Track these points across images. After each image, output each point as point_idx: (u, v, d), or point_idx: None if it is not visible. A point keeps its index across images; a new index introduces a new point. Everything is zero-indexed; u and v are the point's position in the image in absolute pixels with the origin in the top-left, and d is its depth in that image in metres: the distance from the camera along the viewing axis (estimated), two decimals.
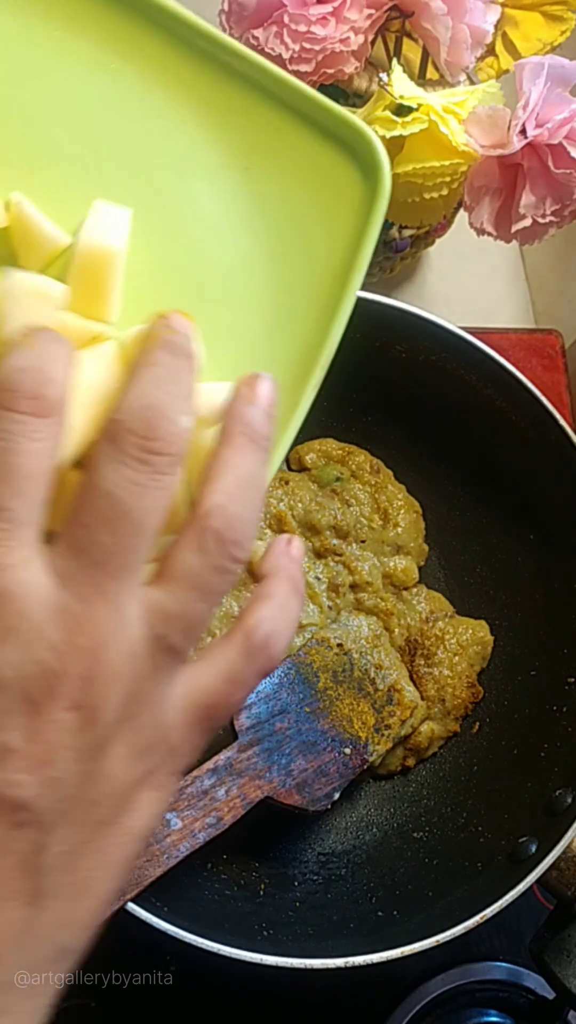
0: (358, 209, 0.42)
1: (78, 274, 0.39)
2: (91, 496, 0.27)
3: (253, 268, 0.42)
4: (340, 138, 0.41)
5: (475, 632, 0.64)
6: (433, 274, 0.84)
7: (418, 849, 0.59)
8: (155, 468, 0.27)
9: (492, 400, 0.62)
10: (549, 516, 0.62)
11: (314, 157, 0.41)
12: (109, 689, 0.27)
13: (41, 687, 0.26)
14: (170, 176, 0.41)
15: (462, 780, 0.62)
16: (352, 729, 0.57)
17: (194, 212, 0.42)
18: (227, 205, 0.42)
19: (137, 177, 0.41)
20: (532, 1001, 0.59)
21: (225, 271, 0.42)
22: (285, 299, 0.43)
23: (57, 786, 0.26)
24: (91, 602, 0.27)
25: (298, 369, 0.43)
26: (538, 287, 0.86)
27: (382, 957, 0.47)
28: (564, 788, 0.54)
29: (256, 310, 0.43)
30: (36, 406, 0.27)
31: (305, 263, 0.43)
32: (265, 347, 0.42)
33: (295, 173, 0.42)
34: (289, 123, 0.41)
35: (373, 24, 0.55)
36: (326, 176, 0.42)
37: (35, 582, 0.26)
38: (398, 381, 0.64)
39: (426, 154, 0.53)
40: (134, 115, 0.40)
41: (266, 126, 0.41)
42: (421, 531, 0.67)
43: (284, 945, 0.49)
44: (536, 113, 0.52)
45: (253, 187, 0.42)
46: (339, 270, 0.42)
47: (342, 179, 0.42)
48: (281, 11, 0.53)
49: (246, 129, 0.41)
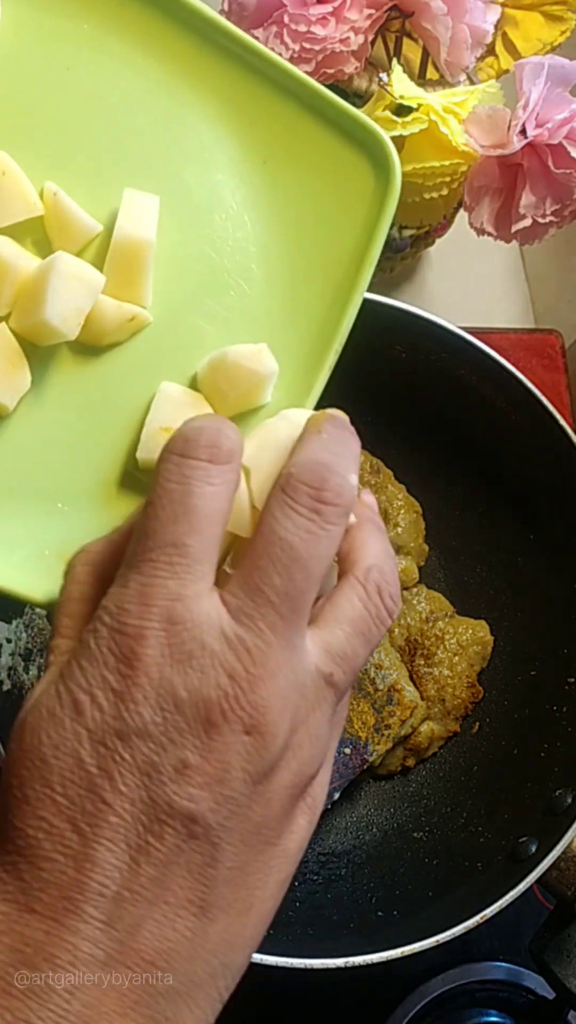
0: (370, 203, 0.44)
1: (114, 261, 0.41)
2: (267, 541, 0.30)
3: (270, 257, 0.44)
4: (353, 136, 0.43)
5: (475, 632, 0.64)
6: (433, 274, 0.84)
7: (418, 849, 0.59)
8: (325, 519, 0.30)
9: (492, 400, 0.62)
10: (549, 516, 0.62)
11: (329, 153, 0.44)
12: (280, 718, 0.29)
13: (218, 710, 0.28)
14: (193, 168, 0.43)
15: (462, 780, 0.62)
16: (352, 729, 0.57)
17: (216, 203, 0.43)
18: (246, 197, 0.44)
19: (162, 168, 0.43)
20: (532, 1001, 0.59)
21: (244, 259, 0.44)
22: (300, 287, 0.45)
23: (229, 804, 0.28)
24: (265, 637, 0.29)
25: (312, 354, 0.45)
26: (538, 287, 0.86)
27: (382, 957, 0.47)
28: (564, 788, 0.54)
29: (273, 297, 0.45)
30: (212, 454, 0.31)
31: (320, 253, 0.44)
32: (281, 333, 0.45)
33: (311, 168, 0.44)
34: (306, 120, 0.43)
35: (373, 24, 0.55)
36: (340, 171, 0.44)
37: (212, 613, 0.29)
38: (398, 381, 0.64)
39: (426, 154, 0.53)
40: (160, 109, 0.42)
41: (284, 122, 0.43)
42: (421, 531, 0.67)
43: (284, 945, 0.49)
44: (536, 113, 0.52)
45: (271, 180, 0.44)
46: (352, 260, 0.44)
47: (355, 175, 0.44)
48: (281, 11, 0.53)
49: (265, 125, 0.43)
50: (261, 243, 0.44)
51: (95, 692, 0.28)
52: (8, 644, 0.55)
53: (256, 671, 0.28)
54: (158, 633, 0.28)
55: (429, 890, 0.56)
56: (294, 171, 0.44)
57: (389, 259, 0.72)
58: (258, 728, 0.28)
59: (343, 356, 0.63)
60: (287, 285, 0.45)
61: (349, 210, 0.44)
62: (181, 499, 0.30)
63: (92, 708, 0.28)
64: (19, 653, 0.56)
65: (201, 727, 0.28)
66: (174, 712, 0.28)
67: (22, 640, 0.56)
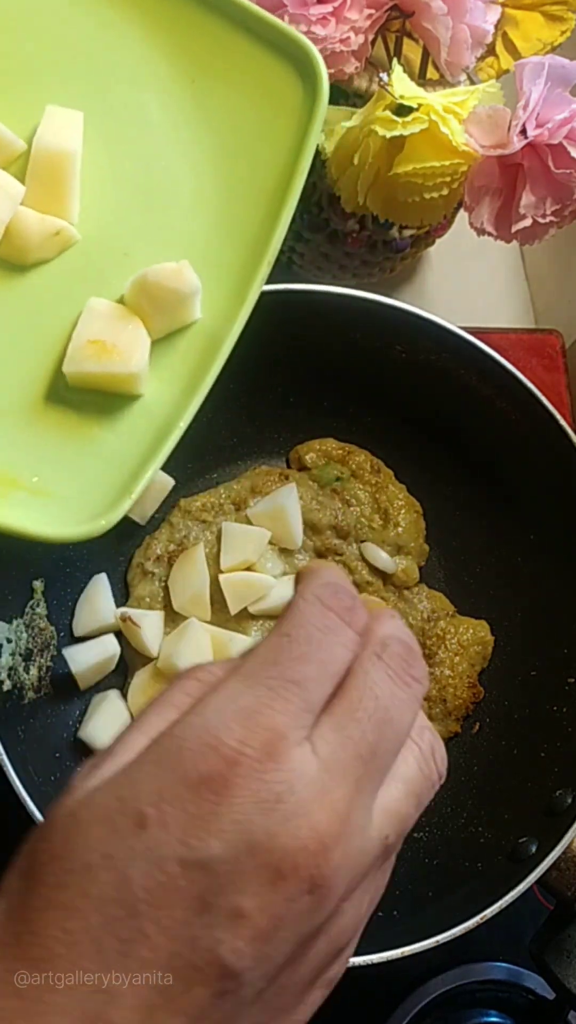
0: (299, 115, 0.45)
1: (35, 173, 0.42)
2: (365, 698, 0.29)
3: (201, 173, 0.45)
4: (281, 49, 0.44)
5: (476, 632, 0.64)
6: (433, 274, 0.84)
7: (418, 849, 0.59)
8: (414, 692, 0.30)
9: (492, 400, 0.62)
10: (549, 516, 0.62)
11: (257, 68, 0.45)
12: (343, 882, 0.27)
13: (290, 863, 0.26)
14: (122, 87, 0.44)
15: (462, 780, 0.62)
16: None
17: (145, 121, 0.44)
18: (176, 114, 0.44)
19: (90, 87, 0.44)
20: (532, 1001, 0.59)
21: (175, 177, 0.45)
22: (231, 202, 0.45)
23: (267, 964, 0.26)
24: (350, 792, 0.27)
25: (244, 267, 0.45)
26: (538, 287, 0.86)
27: (382, 957, 0.47)
28: (564, 788, 0.54)
29: (205, 213, 0.45)
30: (350, 618, 0.31)
31: (250, 167, 0.45)
32: (213, 247, 0.45)
33: (239, 83, 0.45)
34: (233, 36, 0.44)
35: (373, 24, 0.55)
36: (269, 85, 0.45)
37: (306, 760, 0.27)
38: (398, 381, 0.64)
39: (426, 154, 0.53)
40: (85, 28, 0.43)
41: (211, 39, 0.44)
42: (422, 531, 0.67)
43: None
44: (536, 113, 0.52)
45: (200, 97, 0.44)
46: (282, 172, 0.45)
47: (284, 88, 0.45)
48: (281, 11, 0.53)
49: (192, 42, 0.44)
50: (191, 159, 0.44)
51: (165, 809, 0.26)
52: (8, 644, 0.55)
53: (339, 829, 0.27)
54: (254, 764, 0.26)
55: (429, 890, 0.56)
56: (223, 87, 0.44)
57: (389, 259, 0.72)
58: (321, 888, 0.26)
59: (345, 358, 0.63)
60: (218, 200, 0.45)
61: (279, 123, 0.44)
62: (319, 646, 0.29)
63: (158, 826, 0.25)
64: (19, 653, 0.56)
65: (267, 876, 0.26)
66: (246, 854, 0.25)
67: (22, 640, 0.56)
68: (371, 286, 0.76)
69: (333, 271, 0.74)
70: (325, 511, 0.64)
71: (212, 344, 0.46)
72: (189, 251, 0.45)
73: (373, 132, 0.52)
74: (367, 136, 0.53)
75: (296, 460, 0.67)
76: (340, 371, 0.65)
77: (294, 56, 0.43)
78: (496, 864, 0.54)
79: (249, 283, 0.45)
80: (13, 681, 0.55)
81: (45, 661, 0.58)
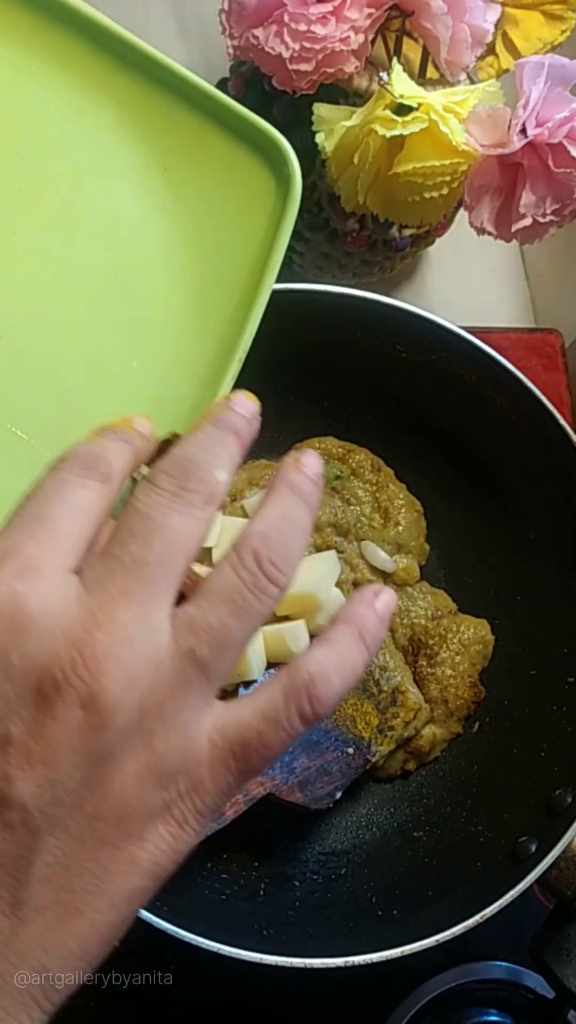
0: (272, 211, 0.44)
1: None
2: (126, 516, 0.29)
3: (173, 265, 0.44)
4: (253, 141, 0.43)
5: (477, 631, 0.64)
6: (433, 273, 0.84)
7: (418, 849, 0.59)
8: (186, 500, 0.29)
9: (492, 399, 0.62)
10: (549, 515, 0.62)
11: (230, 160, 0.44)
12: (125, 693, 0.26)
13: (50, 679, 0.25)
14: (92, 176, 0.43)
15: (462, 780, 0.62)
16: (356, 729, 0.57)
17: (116, 211, 0.43)
18: (147, 205, 0.44)
19: (60, 176, 0.43)
20: (532, 1000, 0.59)
21: (147, 268, 0.44)
22: (204, 295, 0.45)
23: (54, 788, 0.25)
24: (117, 602, 0.26)
25: (216, 363, 0.45)
26: (538, 286, 0.86)
27: (382, 956, 0.47)
28: (564, 787, 0.54)
29: (177, 305, 0.45)
30: (95, 466, 0.31)
31: (223, 259, 0.45)
32: (187, 341, 0.45)
33: (212, 174, 0.44)
34: (206, 126, 0.43)
35: (373, 23, 0.55)
36: (241, 178, 0.44)
37: (62, 582, 0.27)
38: (398, 380, 0.64)
39: (426, 153, 0.53)
40: (56, 117, 0.42)
41: (184, 129, 0.43)
42: (422, 530, 0.67)
43: (284, 944, 0.49)
44: (536, 112, 0.52)
45: (172, 187, 0.44)
46: (255, 266, 0.44)
47: (256, 182, 0.44)
48: (281, 10, 0.53)
49: (164, 132, 0.43)
50: (164, 252, 0.44)
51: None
52: None
53: (99, 636, 0.25)
54: (4, 592, 0.26)
55: (429, 890, 0.55)
56: (195, 178, 0.43)
57: (389, 258, 0.72)
58: (95, 702, 0.25)
59: (345, 358, 0.63)
60: (191, 294, 0.44)
61: (251, 215, 0.44)
62: (57, 493, 0.29)
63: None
64: None
65: (31, 698, 0.25)
66: (3, 680, 0.25)
67: None
68: (371, 285, 0.76)
69: (333, 270, 0.74)
70: (325, 509, 0.64)
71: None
72: (162, 344, 0.44)
73: (373, 131, 0.52)
74: (367, 135, 0.53)
75: None
76: (340, 370, 0.65)
77: (266, 149, 0.43)
78: (496, 863, 0.54)
79: (220, 379, 0.44)
80: None
81: None
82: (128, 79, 0.42)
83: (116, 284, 0.43)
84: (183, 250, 0.44)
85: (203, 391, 0.44)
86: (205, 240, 0.44)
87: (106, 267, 0.43)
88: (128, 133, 0.42)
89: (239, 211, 0.43)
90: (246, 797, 0.51)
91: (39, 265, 0.42)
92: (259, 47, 0.54)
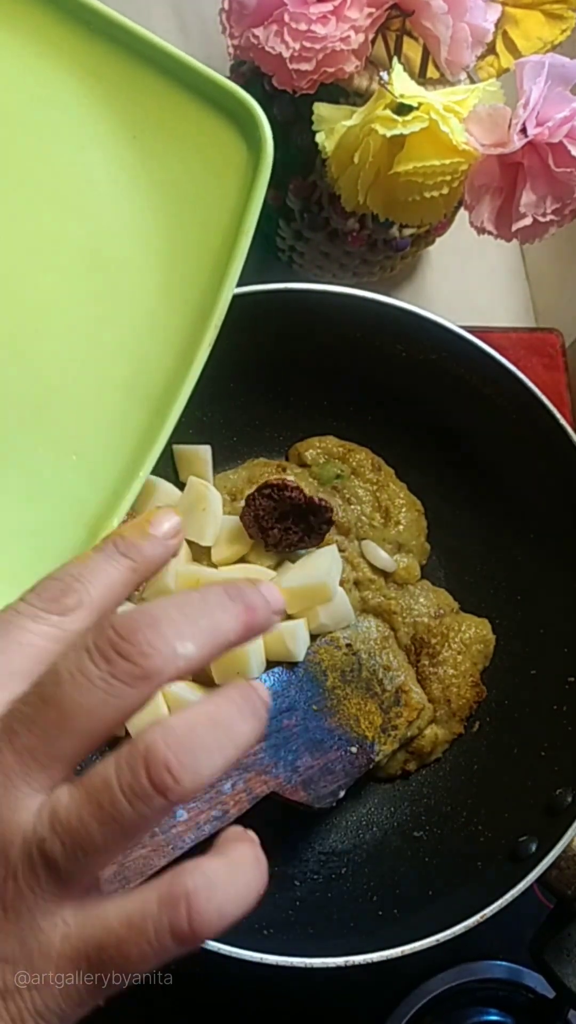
0: (244, 176, 0.43)
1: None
2: (46, 673, 0.25)
3: (146, 233, 0.44)
4: (224, 107, 0.43)
5: (478, 630, 0.64)
6: (434, 273, 0.84)
7: (418, 848, 0.59)
8: (113, 669, 0.24)
9: (492, 400, 0.62)
10: (549, 515, 0.62)
11: (200, 126, 0.43)
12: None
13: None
14: (63, 147, 0.42)
15: (462, 780, 0.62)
16: (359, 728, 0.57)
17: (87, 181, 0.43)
18: (119, 173, 0.43)
19: (30, 147, 0.42)
20: (532, 1000, 0.59)
21: (119, 237, 0.44)
22: (178, 263, 0.44)
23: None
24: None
25: (192, 330, 0.45)
26: (539, 286, 0.86)
27: (382, 956, 0.47)
28: (564, 787, 0.54)
29: (151, 274, 0.44)
30: (46, 606, 0.28)
31: (194, 228, 0.44)
32: (162, 309, 0.44)
33: (182, 142, 0.43)
34: (175, 93, 0.43)
35: (374, 23, 0.55)
36: (212, 144, 0.43)
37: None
38: (399, 380, 0.64)
39: (427, 153, 0.53)
40: (24, 87, 0.41)
41: (153, 96, 0.43)
42: (423, 529, 0.67)
43: (284, 944, 0.49)
44: (536, 112, 0.52)
45: (142, 156, 0.43)
46: (228, 233, 0.44)
47: (227, 147, 0.43)
48: (282, 10, 0.53)
49: (134, 100, 0.43)
50: (136, 220, 0.43)
51: None
52: None
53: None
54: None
55: (429, 889, 0.56)
56: (165, 145, 0.43)
57: (390, 258, 0.72)
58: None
59: (345, 357, 0.63)
60: (164, 262, 0.44)
61: (223, 182, 0.43)
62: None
63: None
64: None
65: None
66: None
67: None
68: (371, 285, 0.76)
69: (333, 270, 0.74)
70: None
71: (161, 408, 0.45)
72: (137, 313, 0.44)
73: (373, 131, 0.52)
74: (367, 135, 0.53)
75: (296, 457, 0.67)
76: (340, 370, 0.65)
77: (237, 115, 0.42)
78: (496, 863, 0.54)
79: (196, 346, 0.44)
80: None
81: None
82: (94, 46, 0.41)
83: (88, 255, 0.43)
84: (155, 218, 0.43)
85: (179, 360, 0.44)
86: (177, 208, 0.43)
87: (77, 238, 0.43)
88: (95, 101, 0.42)
89: (211, 177, 0.43)
90: (250, 796, 0.51)
91: (8, 237, 0.42)
92: (259, 46, 0.54)
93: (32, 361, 0.43)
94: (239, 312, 0.47)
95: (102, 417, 0.44)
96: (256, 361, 0.62)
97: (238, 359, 0.55)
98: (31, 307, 0.43)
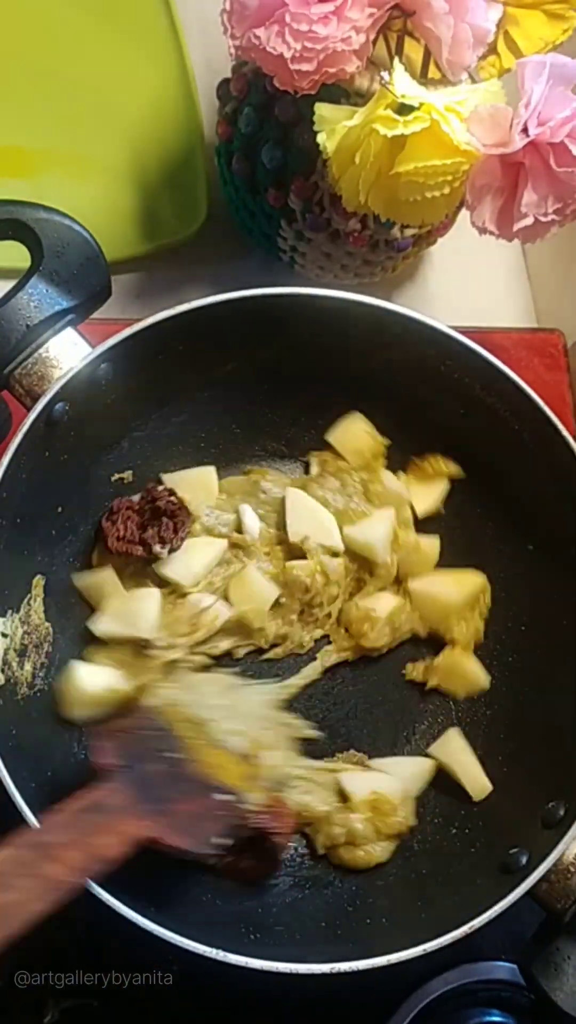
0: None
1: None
2: None
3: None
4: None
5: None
6: (435, 273, 0.84)
7: (409, 858, 0.59)
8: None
9: (495, 408, 0.61)
10: (549, 526, 0.61)
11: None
12: None
13: None
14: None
15: (454, 790, 0.61)
16: (224, 777, 0.53)
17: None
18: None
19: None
20: (534, 1001, 0.59)
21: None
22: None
23: None
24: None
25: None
26: (540, 286, 0.86)
27: (368, 964, 0.47)
28: (557, 800, 0.54)
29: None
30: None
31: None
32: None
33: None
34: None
35: (375, 23, 0.55)
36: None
37: None
38: (400, 386, 0.64)
39: (428, 153, 0.53)
40: None
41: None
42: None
43: (271, 949, 0.48)
44: (538, 112, 0.52)
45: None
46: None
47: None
48: (283, 10, 0.53)
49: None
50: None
51: None
52: (4, 639, 0.55)
53: None
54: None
55: (419, 899, 0.55)
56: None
57: (391, 258, 0.72)
58: None
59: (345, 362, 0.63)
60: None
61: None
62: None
63: None
64: (14, 648, 0.56)
65: None
66: None
67: (17, 635, 0.56)
68: (372, 285, 0.76)
69: (335, 270, 0.74)
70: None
71: None
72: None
73: (374, 131, 0.52)
74: (368, 135, 0.53)
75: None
76: (341, 375, 0.64)
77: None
78: (487, 874, 0.53)
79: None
80: (7, 676, 0.55)
81: (40, 658, 0.58)
82: None
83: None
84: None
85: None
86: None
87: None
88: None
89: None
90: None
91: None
92: (261, 47, 0.54)
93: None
94: (238, 317, 0.47)
95: None
96: (257, 364, 0.62)
97: (239, 366, 0.55)
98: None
